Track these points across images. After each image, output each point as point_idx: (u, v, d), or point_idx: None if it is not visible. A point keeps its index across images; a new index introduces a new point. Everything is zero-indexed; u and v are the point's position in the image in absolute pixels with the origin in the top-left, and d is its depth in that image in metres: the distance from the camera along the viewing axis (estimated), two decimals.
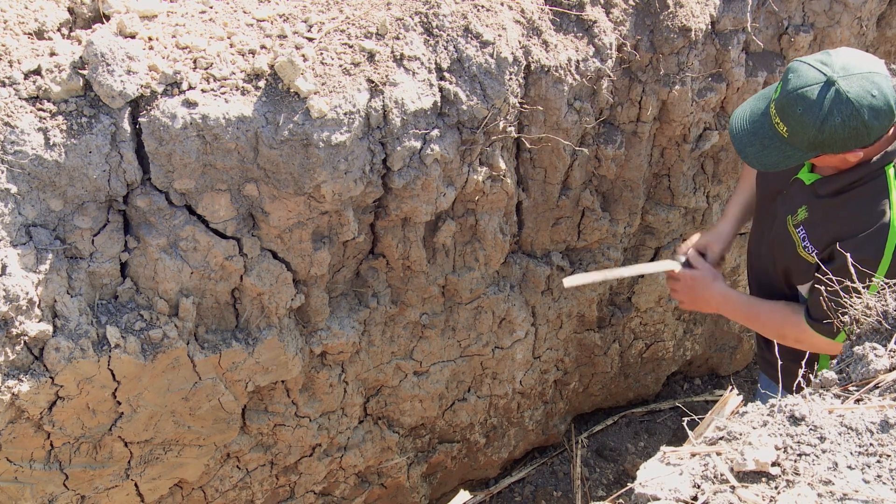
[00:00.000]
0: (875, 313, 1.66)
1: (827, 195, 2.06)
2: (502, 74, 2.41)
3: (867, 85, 1.83)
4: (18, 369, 2.07)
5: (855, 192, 2.01)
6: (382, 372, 2.90)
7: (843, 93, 1.83)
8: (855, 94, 1.83)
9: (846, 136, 1.86)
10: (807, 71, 1.88)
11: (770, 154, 1.98)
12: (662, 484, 1.28)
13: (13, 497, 2.31)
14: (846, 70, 1.84)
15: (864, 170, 1.97)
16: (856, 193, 2.00)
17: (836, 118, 1.84)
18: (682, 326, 3.77)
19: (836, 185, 2.03)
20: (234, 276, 2.32)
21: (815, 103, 1.85)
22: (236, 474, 2.78)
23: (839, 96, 1.83)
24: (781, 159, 1.97)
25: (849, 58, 1.87)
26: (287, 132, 2.12)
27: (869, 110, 1.83)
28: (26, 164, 1.96)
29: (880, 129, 1.87)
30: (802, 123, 1.88)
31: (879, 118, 1.84)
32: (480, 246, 2.78)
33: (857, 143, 1.88)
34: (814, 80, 1.86)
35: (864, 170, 1.97)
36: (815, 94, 1.85)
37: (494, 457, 3.55)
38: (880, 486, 1.23)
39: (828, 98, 1.84)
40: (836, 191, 2.04)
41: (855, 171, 1.99)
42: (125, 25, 2.09)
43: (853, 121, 1.84)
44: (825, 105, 1.84)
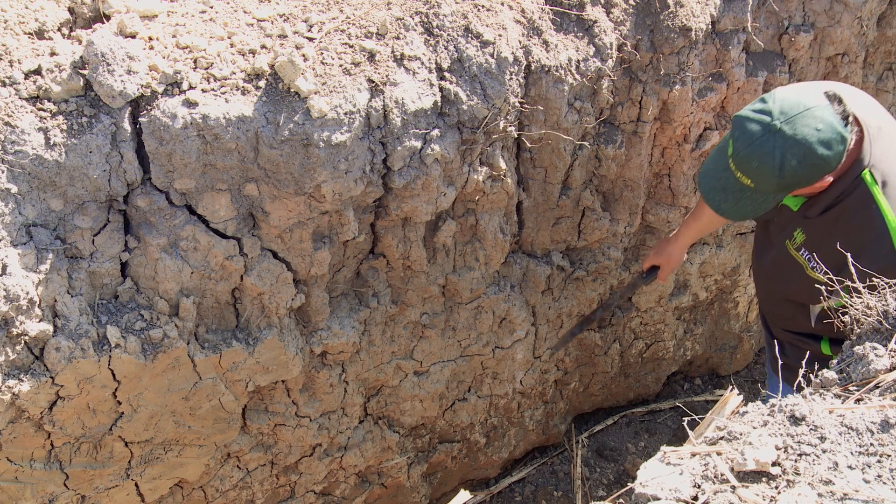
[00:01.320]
0: (875, 313, 1.66)
1: (816, 216, 2.07)
2: (502, 74, 2.41)
3: (809, 122, 1.85)
4: (19, 369, 2.08)
5: (841, 206, 2.02)
6: (383, 372, 2.90)
7: (790, 137, 1.85)
8: (801, 135, 1.85)
9: (808, 173, 1.89)
10: (749, 125, 1.91)
11: (745, 205, 2.01)
12: (663, 484, 1.28)
13: (13, 497, 2.31)
14: (785, 114, 1.87)
15: (843, 184, 1.99)
16: (843, 207, 2.02)
17: (792, 161, 1.86)
18: (682, 326, 3.77)
19: (821, 204, 2.05)
20: (234, 275, 2.32)
21: (767, 154, 1.87)
22: (236, 474, 2.78)
23: (787, 141, 1.85)
24: (756, 207, 2.00)
25: (785, 100, 1.89)
26: (287, 132, 2.12)
27: (820, 144, 1.85)
28: (27, 164, 1.96)
29: (839, 155, 1.89)
30: (762, 174, 1.91)
31: (833, 147, 1.86)
32: (481, 246, 2.78)
33: (822, 174, 1.91)
34: (759, 133, 1.89)
35: (842, 184, 1.99)
36: (765, 146, 1.88)
37: (495, 457, 3.55)
38: (881, 485, 1.23)
39: (777, 146, 1.86)
40: (823, 209, 2.05)
41: (835, 187, 2.00)
42: (125, 25, 2.09)
43: (809, 158, 1.86)
44: (777, 153, 1.86)
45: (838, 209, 2.02)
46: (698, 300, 3.67)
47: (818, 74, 3.26)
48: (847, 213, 2.00)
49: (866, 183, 1.97)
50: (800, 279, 2.17)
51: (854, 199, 1.99)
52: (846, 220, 2.01)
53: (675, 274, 3.46)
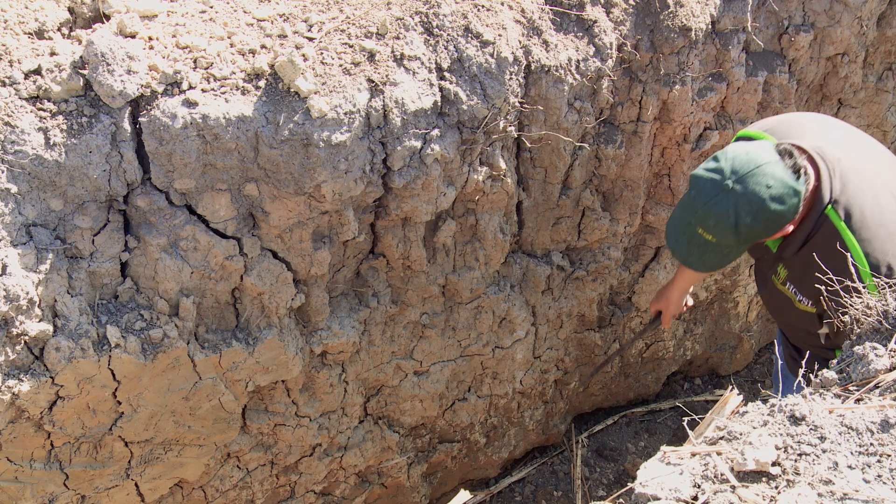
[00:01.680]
0: (875, 313, 1.67)
1: (792, 255, 2.13)
2: (502, 74, 2.41)
3: (759, 179, 1.89)
4: (19, 369, 2.07)
5: (812, 243, 2.06)
6: (383, 372, 2.90)
7: (741, 195, 1.90)
8: (752, 193, 1.89)
9: (764, 227, 1.94)
10: (704, 184, 1.96)
11: (710, 258, 2.06)
12: (663, 483, 1.28)
13: (13, 497, 2.31)
14: (736, 173, 1.91)
15: (810, 222, 2.03)
16: (813, 244, 2.06)
17: (746, 218, 1.91)
18: (682, 326, 3.77)
19: (795, 244, 2.10)
20: (234, 275, 2.32)
21: (722, 213, 1.92)
22: (236, 474, 2.78)
23: (739, 199, 1.90)
24: (722, 259, 2.06)
25: (735, 158, 1.93)
26: (287, 132, 2.12)
27: (772, 201, 1.90)
28: (27, 164, 1.96)
29: (793, 208, 1.93)
30: (720, 231, 1.96)
31: (786, 201, 1.91)
32: (481, 246, 2.78)
33: (779, 227, 1.96)
34: (712, 192, 1.93)
35: (809, 222, 2.03)
36: (719, 205, 1.92)
37: (495, 456, 3.55)
38: (881, 485, 1.23)
39: (730, 205, 1.91)
40: (797, 248, 2.10)
41: (804, 226, 2.05)
42: (125, 25, 2.09)
43: (763, 215, 1.91)
44: (730, 212, 1.91)
45: (810, 246, 2.07)
46: (698, 300, 3.67)
47: (818, 74, 3.27)
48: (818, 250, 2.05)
49: (832, 219, 2.02)
50: (791, 311, 2.23)
51: (822, 236, 2.03)
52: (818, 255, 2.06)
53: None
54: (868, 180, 2.04)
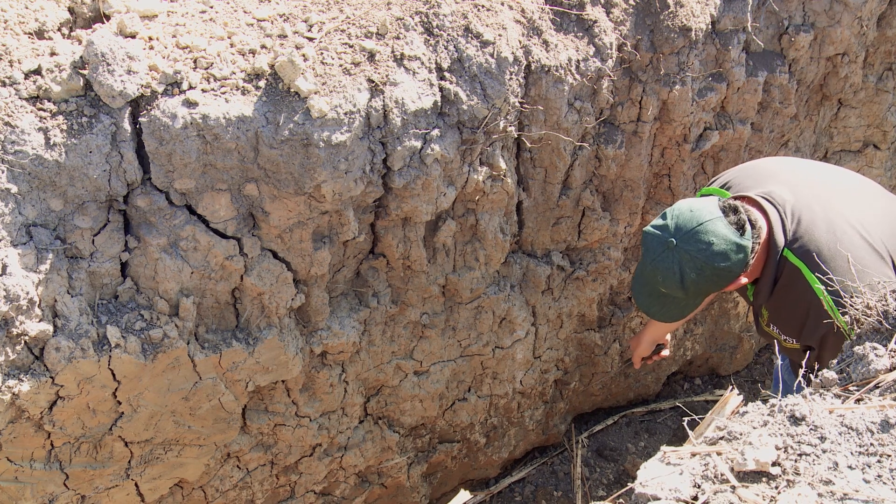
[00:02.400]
0: (875, 313, 1.67)
1: (765, 300, 2.17)
2: (502, 74, 2.41)
3: (702, 237, 1.93)
4: (19, 369, 2.07)
5: (779, 286, 2.11)
6: (383, 372, 2.90)
7: (686, 253, 1.95)
8: (695, 251, 1.94)
9: (710, 282, 1.98)
10: (650, 240, 2.02)
11: (670, 309, 2.11)
12: (663, 484, 1.28)
13: (13, 497, 2.31)
14: (679, 230, 1.95)
15: (770, 267, 2.08)
16: (780, 286, 2.11)
17: (691, 275, 1.95)
18: (682, 326, 3.77)
19: (765, 289, 2.14)
20: (234, 275, 2.32)
21: (668, 269, 1.98)
22: (236, 474, 2.78)
23: (682, 257, 1.95)
24: (680, 311, 2.11)
25: (680, 215, 1.98)
26: (287, 132, 2.12)
27: (716, 256, 1.94)
28: (27, 164, 1.96)
29: (740, 262, 1.97)
30: (669, 286, 2.01)
31: (731, 257, 1.95)
32: (481, 246, 2.78)
33: (727, 281, 2.00)
34: (658, 249, 1.99)
35: (771, 268, 2.08)
36: (665, 261, 1.98)
37: (495, 456, 3.55)
38: (881, 485, 1.23)
39: (675, 262, 1.96)
40: (768, 294, 2.14)
41: (767, 272, 2.09)
42: (125, 25, 2.09)
43: (707, 271, 1.95)
44: (675, 269, 1.97)
45: (778, 289, 2.12)
46: None
47: (818, 74, 3.27)
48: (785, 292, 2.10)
49: (790, 260, 2.06)
50: (783, 349, 2.28)
51: (786, 278, 2.08)
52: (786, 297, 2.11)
53: None
54: (821, 213, 2.07)
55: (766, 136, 3.29)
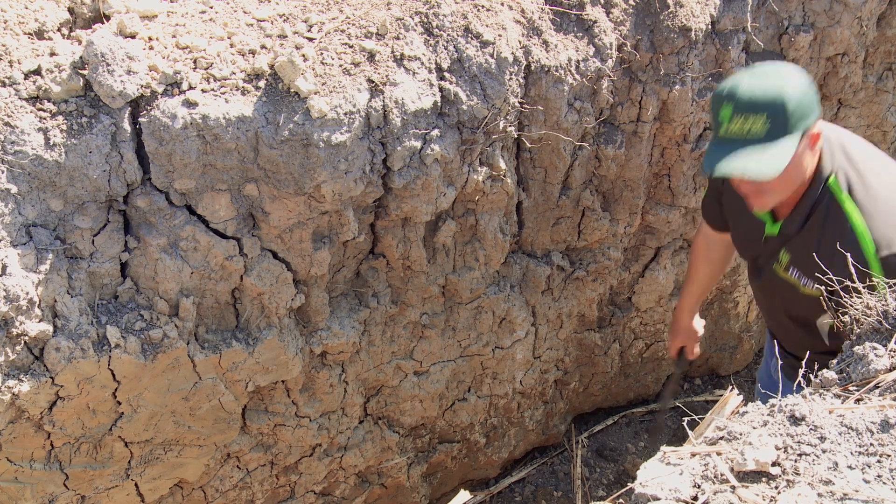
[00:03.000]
0: (875, 313, 1.66)
1: (795, 233, 2.09)
2: (502, 74, 2.41)
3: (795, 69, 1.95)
4: (19, 369, 2.07)
5: (814, 219, 2.03)
6: (382, 372, 2.90)
7: (790, 66, 1.95)
8: (797, 69, 1.94)
9: (806, 89, 1.91)
10: (750, 68, 1.98)
11: (772, 158, 1.92)
12: (663, 484, 1.28)
13: (13, 497, 2.31)
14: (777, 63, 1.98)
15: (812, 194, 2.02)
16: (815, 219, 2.03)
17: (793, 75, 1.91)
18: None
19: (797, 220, 2.06)
20: (234, 276, 2.32)
21: (769, 71, 1.93)
22: (236, 474, 2.78)
23: (790, 68, 1.94)
24: (782, 156, 1.92)
25: None
26: (287, 132, 2.12)
27: (810, 84, 1.92)
28: (26, 164, 1.96)
29: (805, 108, 1.91)
30: (774, 91, 1.88)
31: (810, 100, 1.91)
32: (480, 246, 2.78)
33: (813, 104, 1.92)
34: (763, 66, 1.96)
35: (812, 194, 2.02)
36: (772, 71, 1.93)
37: (494, 457, 3.55)
38: (880, 485, 1.23)
39: (784, 70, 1.93)
40: (800, 225, 2.06)
41: (806, 199, 2.03)
42: (125, 25, 2.09)
43: (809, 86, 1.91)
44: (783, 72, 1.92)
45: (812, 221, 2.04)
46: None
47: (818, 74, 3.26)
48: (819, 225, 2.03)
49: (833, 191, 2.00)
50: (794, 298, 2.18)
51: (823, 209, 2.01)
52: (820, 231, 2.03)
53: (675, 274, 3.46)
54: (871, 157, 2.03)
55: None
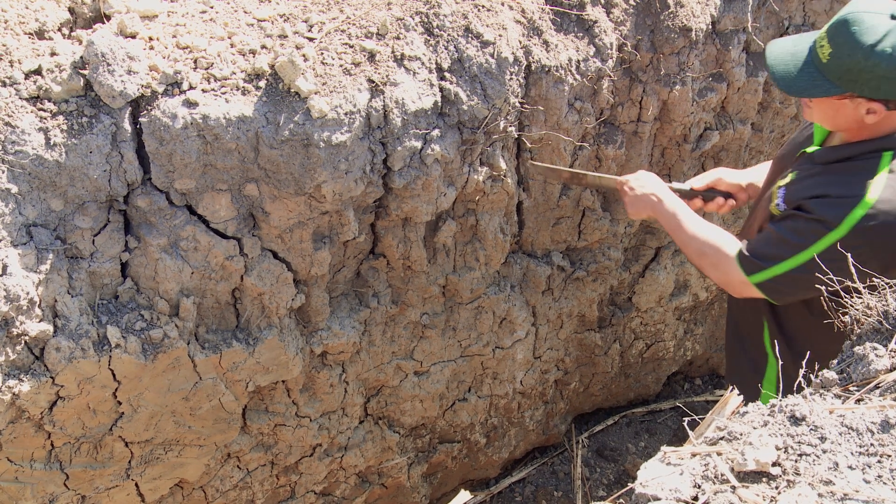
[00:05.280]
0: (875, 313, 1.66)
1: (821, 163, 2.07)
2: (503, 74, 2.41)
3: None
4: (19, 369, 2.08)
5: (845, 165, 2.02)
6: (383, 372, 2.90)
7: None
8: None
9: (885, 74, 1.84)
10: (871, 3, 1.89)
11: (801, 77, 1.96)
12: (663, 484, 1.28)
13: (14, 497, 2.31)
14: None
15: (865, 147, 1.99)
16: (846, 166, 2.01)
17: (887, 50, 1.83)
18: (682, 326, 3.77)
19: (833, 155, 2.05)
20: (234, 276, 2.32)
21: (872, 28, 1.85)
22: (237, 474, 2.78)
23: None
24: (809, 86, 1.96)
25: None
26: (288, 132, 2.12)
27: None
28: (27, 164, 1.96)
29: None
30: (851, 44, 1.87)
31: None
32: (481, 246, 2.78)
33: (891, 89, 1.86)
34: (878, 10, 1.86)
35: (864, 147, 1.99)
36: (876, 21, 1.85)
37: (495, 457, 3.55)
38: (881, 486, 1.23)
39: (887, 28, 1.83)
40: (831, 160, 2.05)
41: (855, 147, 2.00)
42: (126, 25, 2.09)
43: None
44: (881, 33, 1.83)
45: (841, 166, 2.02)
46: (698, 300, 3.67)
47: None
48: (843, 172, 2.01)
49: (882, 159, 1.96)
50: (763, 215, 2.19)
51: (859, 165, 1.98)
52: (838, 176, 2.02)
53: (676, 274, 3.46)
54: None
55: (767, 136, 3.29)
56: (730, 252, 2.14)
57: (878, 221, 1.90)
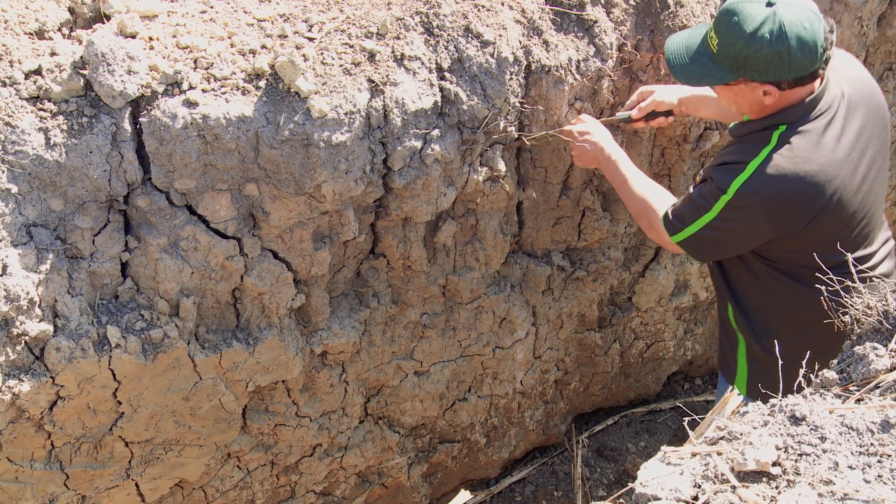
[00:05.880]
0: (875, 313, 1.67)
1: (733, 137, 2.26)
2: (503, 74, 2.41)
3: (802, 16, 1.97)
4: (19, 369, 2.08)
5: (746, 138, 2.19)
6: (383, 372, 2.90)
7: (780, 15, 1.96)
8: (789, 20, 1.96)
9: (769, 58, 1.98)
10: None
11: (695, 68, 2.14)
12: (663, 484, 1.28)
13: (14, 497, 2.32)
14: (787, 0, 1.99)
15: (763, 123, 2.14)
16: (747, 139, 2.19)
17: (766, 36, 1.96)
18: (682, 326, 3.77)
19: (740, 130, 2.22)
20: (234, 275, 2.32)
21: (750, 16, 1.98)
22: (237, 474, 2.79)
23: (774, 17, 1.96)
24: (704, 75, 2.13)
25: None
26: (288, 132, 2.12)
27: (797, 39, 1.96)
28: (27, 164, 1.96)
29: (801, 65, 1.99)
30: (733, 34, 2.01)
31: (803, 51, 1.97)
32: (481, 246, 2.78)
33: (777, 72, 2.01)
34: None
35: (763, 123, 2.14)
36: (753, 10, 1.98)
37: (495, 457, 3.55)
38: (881, 485, 1.23)
39: (764, 16, 1.97)
40: (739, 134, 2.23)
41: (756, 123, 2.16)
42: (126, 25, 2.09)
43: (780, 44, 1.96)
44: (758, 20, 1.97)
45: (741, 139, 2.21)
46: (698, 300, 3.67)
47: None
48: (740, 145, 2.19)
49: (772, 135, 2.11)
50: None
51: (754, 138, 2.15)
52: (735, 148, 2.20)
53: (676, 274, 3.46)
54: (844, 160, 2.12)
55: None
56: (660, 213, 2.34)
57: (759, 186, 2.07)
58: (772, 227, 2.14)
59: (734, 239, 2.21)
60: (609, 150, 2.50)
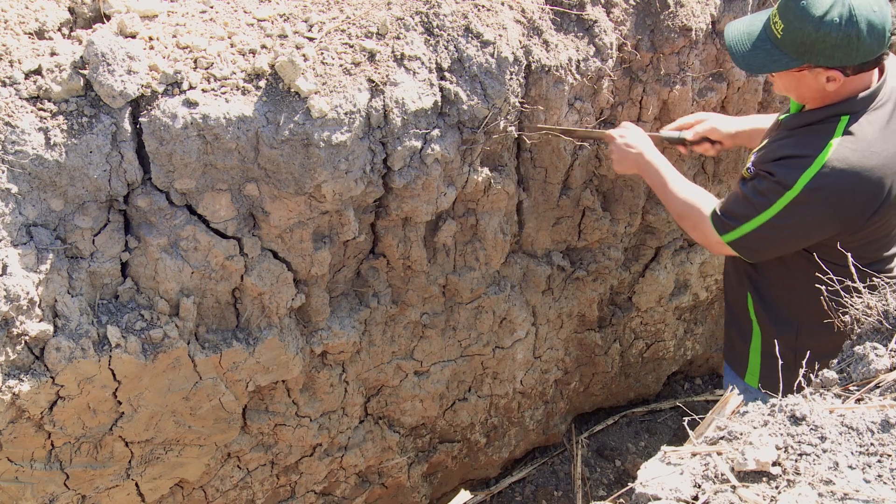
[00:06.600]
0: (875, 313, 1.67)
1: (788, 128, 2.16)
2: (503, 74, 2.41)
3: (872, 1, 1.91)
4: (19, 369, 2.08)
5: (807, 129, 2.11)
6: (383, 372, 2.90)
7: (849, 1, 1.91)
8: (858, 3, 1.91)
9: (837, 42, 1.93)
10: None
11: (757, 55, 2.07)
12: (663, 483, 1.28)
13: (14, 497, 2.32)
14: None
15: (825, 112, 2.07)
16: (807, 130, 2.11)
17: (835, 20, 1.91)
18: (682, 326, 3.77)
19: (798, 121, 2.14)
20: (234, 275, 2.32)
21: (818, 0, 1.92)
22: (237, 474, 2.79)
23: (843, 1, 1.91)
24: (767, 62, 2.06)
25: None
26: (288, 132, 2.12)
27: (867, 23, 1.91)
28: (27, 164, 1.96)
29: (869, 49, 1.94)
30: (801, 17, 1.95)
31: (872, 36, 1.92)
32: (481, 246, 2.78)
33: (844, 57, 1.95)
34: None
35: (825, 112, 2.07)
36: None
37: (495, 456, 3.55)
38: (881, 485, 1.23)
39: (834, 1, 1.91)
40: (796, 125, 2.14)
41: (817, 112, 2.09)
42: (126, 25, 2.09)
43: (849, 27, 1.91)
44: (827, 4, 1.92)
45: (802, 130, 2.11)
46: (698, 300, 3.67)
47: None
48: (803, 136, 2.10)
49: (839, 123, 2.05)
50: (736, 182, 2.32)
51: (818, 128, 2.07)
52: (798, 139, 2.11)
53: (676, 274, 3.46)
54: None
55: None
56: (706, 212, 2.26)
57: (829, 181, 1.99)
58: (835, 224, 2.04)
59: (792, 237, 2.11)
60: (650, 156, 2.45)
